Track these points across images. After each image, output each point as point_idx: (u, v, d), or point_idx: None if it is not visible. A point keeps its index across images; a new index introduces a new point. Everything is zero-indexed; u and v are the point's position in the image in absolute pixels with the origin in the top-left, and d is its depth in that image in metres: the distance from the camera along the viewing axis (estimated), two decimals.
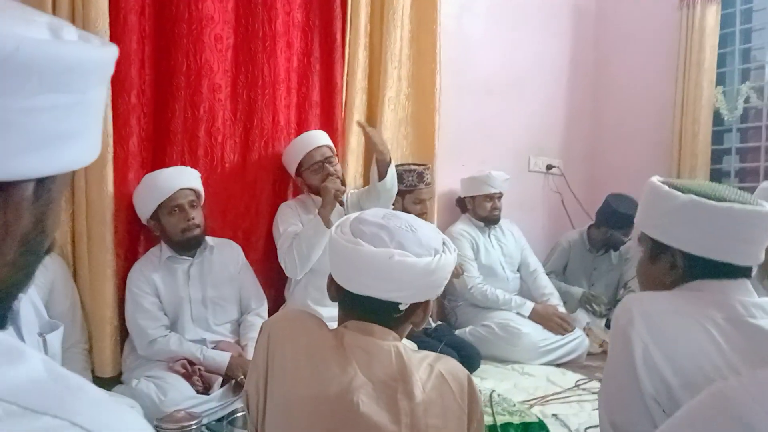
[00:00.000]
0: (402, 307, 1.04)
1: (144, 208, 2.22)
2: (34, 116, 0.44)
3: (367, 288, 1.02)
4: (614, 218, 3.17)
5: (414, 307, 1.07)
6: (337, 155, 2.65)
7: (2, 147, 0.42)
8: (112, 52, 0.50)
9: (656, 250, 1.19)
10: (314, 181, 2.55)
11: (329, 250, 1.09)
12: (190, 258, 2.28)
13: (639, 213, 1.26)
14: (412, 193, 2.86)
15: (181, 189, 2.19)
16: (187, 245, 2.24)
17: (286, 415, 0.98)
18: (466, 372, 1.08)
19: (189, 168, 2.31)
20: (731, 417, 0.45)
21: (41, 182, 0.46)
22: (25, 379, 0.41)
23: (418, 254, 1.01)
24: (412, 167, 2.92)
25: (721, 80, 3.42)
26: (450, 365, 1.07)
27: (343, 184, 2.58)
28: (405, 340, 2.37)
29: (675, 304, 1.10)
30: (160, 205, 2.18)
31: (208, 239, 2.32)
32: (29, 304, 1.57)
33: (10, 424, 0.38)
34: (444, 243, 1.08)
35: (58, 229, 0.53)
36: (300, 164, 2.57)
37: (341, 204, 2.50)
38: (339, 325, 1.08)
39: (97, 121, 0.51)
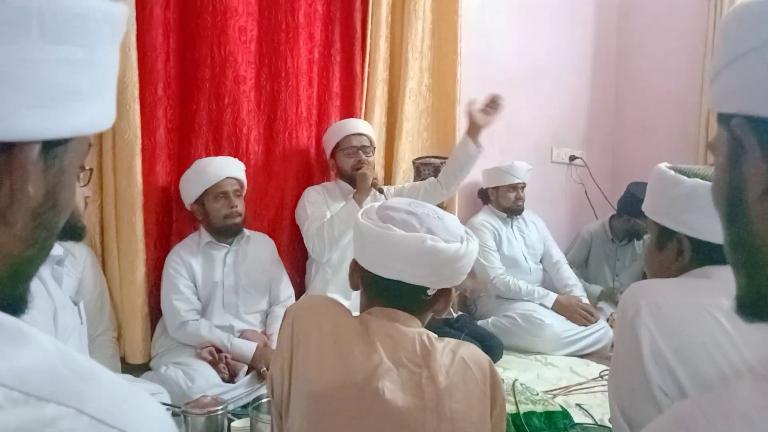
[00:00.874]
0: (430, 292, 1.05)
1: (191, 192, 2.28)
2: (36, 69, 0.40)
3: (398, 272, 1.03)
4: (636, 206, 3.11)
5: (438, 295, 1.08)
6: (374, 147, 2.67)
7: (1, 102, 0.39)
8: (122, 8, 0.46)
9: (663, 236, 1.17)
10: (345, 165, 2.59)
11: (355, 237, 1.10)
12: (227, 245, 2.34)
13: (646, 200, 1.25)
14: None
15: (228, 177, 2.27)
16: (227, 232, 2.30)
17: (311, 400, 0.99)
18: (488, 358, 1.09)
19: (236, 159, 2.38)
20: None
21: (49, 148, 0.43)
22: (31, 363, 0.38)
23: (448, 240, 1.03)
24: (430, 160, 2.91)
25: None
26: (472, 351, 1.08)
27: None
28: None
29: (683, 292, 1.08)
30: (206, 191, 2.24)
31: (246, 231, 2.38)
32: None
33: (11, 412, 0.35)
34: (467, 231, 1.11)
35: (72, 206, 0.49)
36: (337, 145, 2.61)
37: (381, 192, 2.53)
38: (362, 312, 1.09)
39: (108, 84, 0.47)
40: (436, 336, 1.10)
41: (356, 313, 1.10)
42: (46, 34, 0.40)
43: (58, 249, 1.19)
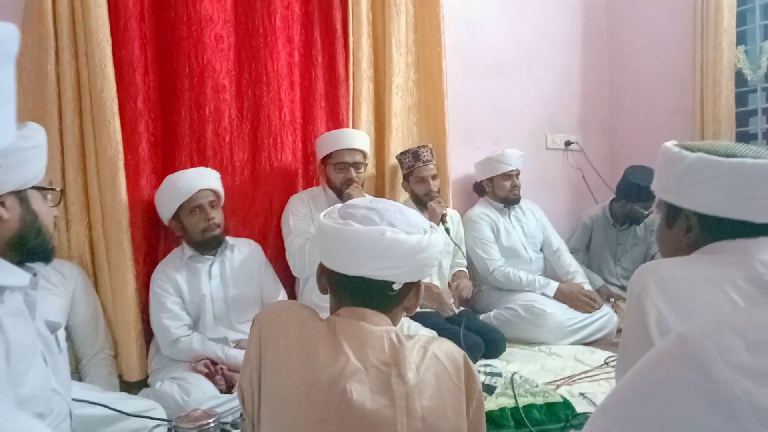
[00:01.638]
0: (396, 287, 1.03)
1: (165, 209, 2.26)
2: None
3: (360, 268, 1.02)
4: (632, 191, 3.09)
5: (406, 290, 1.07)
6: (366, 163, 2.64)
7: None
8: (5, 28, 0.46)
9: (671, 214, 1.16)
10: (334, 179, 2.56)
11: (318, 238, 1.09)
12: (211, 257, 2.31)
13: (655, 179, 1.23)
14: (412, 174, 2.82)
15: (201, 190, 2.23)
16: (208, 245, 2.27)
17: (280, 406, 0.98)
18: (462, 352, 1.07)
19: (209, 169, 2.34)
20: (689, 359, 0.46)
21: None
22: None
23: (409, 232, 1.02)
24: (409, 149, 2.87)
25: (741, 39, 3.28)
26: (445, 346, 1.06)
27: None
28: (424, 329, 2.36)
29: (692, 269, 1.06)
30: (180, 206, 2.22)
31: (229, 239, 2.35)
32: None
33: None
34: (431, 225, 1.10)
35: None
36: (328, 156, 2.58)
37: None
38: (331, 314, 1.08)
39: (3, 104, 0.47)
40: (434, 335, 1.09)
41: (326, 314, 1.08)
42: None
43: (24, 277, 1.16)
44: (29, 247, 1.20)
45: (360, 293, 1.04)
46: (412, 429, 0.95)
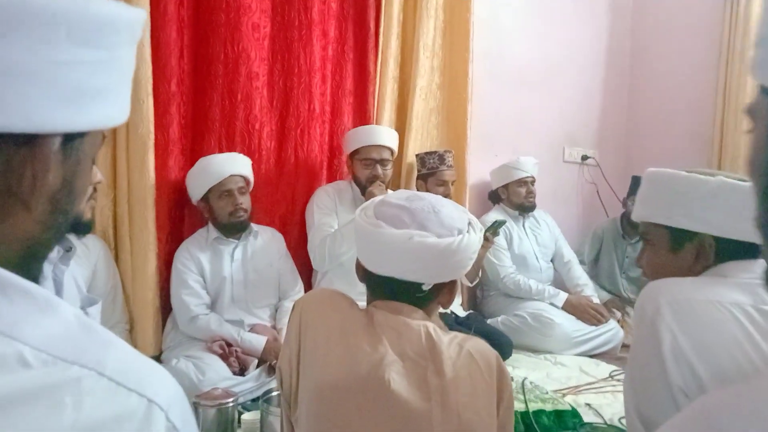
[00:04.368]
0: (425, 288, 1.04)
1: (195, 190, 2.30)
2: (63, 69, 0.44)
3: (389, 269, 1.03)
4: (636, 183, 3.17)
5: (440, 287, 1.07)
6: (392, 160, 2.66)
7: (30, 98, 0.42)
8: (141, 14, 0.50)
9: (678, 239, 1.15)
10: (360, 175, 2.59)
11: (355, 233, 1.11)
12: (235, 240, 2.35)
13: (647, 205, 1.22)
14: (434, 175, 2.85)
15: (232, 175, 2.27)
16: (233, 228, 2.31)
17: (319, 392, 1.00)
18: (495, 352, 1.08)
19: (241, 155, 2.38)
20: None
21: (69, 139, 0.47)
22: (58, 329, 0.42)
23: (440, 235, 1.01)
24: (435, 150, 2.91)
25: None
26: (479, 345, 1.06)
27: (387, 188, 2.59)
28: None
29: (701, 290, 1.06)
30: (210, 189, 2.26)
31: (253, 225, 2.39)
32: (71, 279, 1.63)
33: (42, 371, 0.39)
34: (470, 223, 1.08)
35: (86, 193, 0.52)
36: (356, 151, 2.61)
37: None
38: (368, 305, 1.10)
39: (125, 81, 0.51)
40: (444, 329, 1.09)
41: (362, 304, 1.10)
42: (72, 38, 0.44)
43: (57, 251, 1.20)
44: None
45: (391, 291, 1.06)
46: (447, 423, 0.96)
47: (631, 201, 3.31)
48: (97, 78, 0.47)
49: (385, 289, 1.06)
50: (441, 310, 1.16)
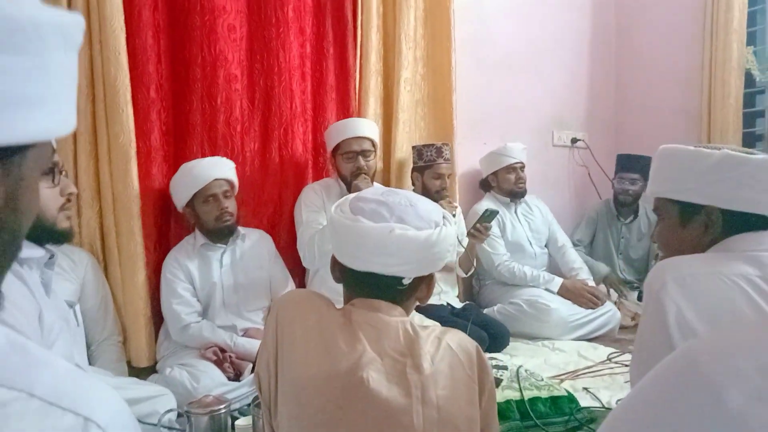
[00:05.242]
0: (405, 282, 1.04)
1: (180, 196, 2.29)
2: None
3: (370, 264, 1.02)
4: (622, 160, 3.31)
5: (418, 282, 1.08)
6: (374, 151, 2.64)
7: None
8: (75, 18, 0.47)
9: (687, 213, 1.17)
10: (344, 170, 2.57)
11: (330, 231, 1.10)
12: (223, 246, 2.34)
13: (656, 182, 1.24)
14: (431, 168, 2.83)
15: (216, 179, 2.25)
16: (220, 233, 2.30)
17: (297, 393, 0.99)
18: (475, 343, 1.09)
19: (225, 159, 2.36)
20: (701, 386, 0.44)
21: (5, 156, 0.43)
22: None
23: (419, 227, 1.02)
24: (432, 143, 2.90)
25: (751, 40, 3.29)
26: (458, 337, 1.07)
27: (372, 181, 2.57)
28: (429, 321, 2.38)
29: (709, 265, 1.08)
30: (195, 194, 2.24)
31: (240, 229, 2.37)
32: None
33: None
34: (444, 216, 1.09)
35: (36, 210, 0.49)
36: (337, 147, 2.59)
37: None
38: (345, 304, 1.09)
39: (63, 90, 0.47)
40: (421, 324, 1.10)
41: (340, 305, 1.10)
42: None
43: (39, 251, 1.20)
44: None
45: (370, 287, 1.05)
46: (428, 417, 0.97)
47: (617, 180, 3.31)
48: (24, 87, 0.43)
49: (365, 285, 1.06)
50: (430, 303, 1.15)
